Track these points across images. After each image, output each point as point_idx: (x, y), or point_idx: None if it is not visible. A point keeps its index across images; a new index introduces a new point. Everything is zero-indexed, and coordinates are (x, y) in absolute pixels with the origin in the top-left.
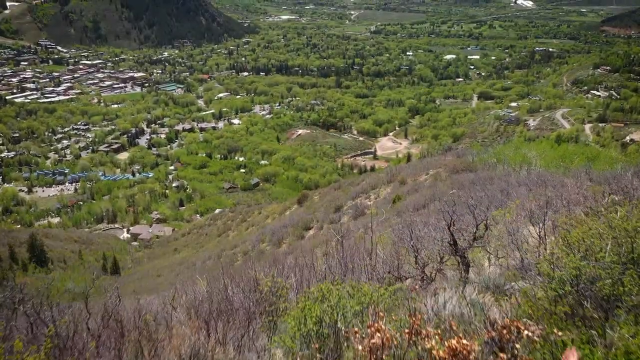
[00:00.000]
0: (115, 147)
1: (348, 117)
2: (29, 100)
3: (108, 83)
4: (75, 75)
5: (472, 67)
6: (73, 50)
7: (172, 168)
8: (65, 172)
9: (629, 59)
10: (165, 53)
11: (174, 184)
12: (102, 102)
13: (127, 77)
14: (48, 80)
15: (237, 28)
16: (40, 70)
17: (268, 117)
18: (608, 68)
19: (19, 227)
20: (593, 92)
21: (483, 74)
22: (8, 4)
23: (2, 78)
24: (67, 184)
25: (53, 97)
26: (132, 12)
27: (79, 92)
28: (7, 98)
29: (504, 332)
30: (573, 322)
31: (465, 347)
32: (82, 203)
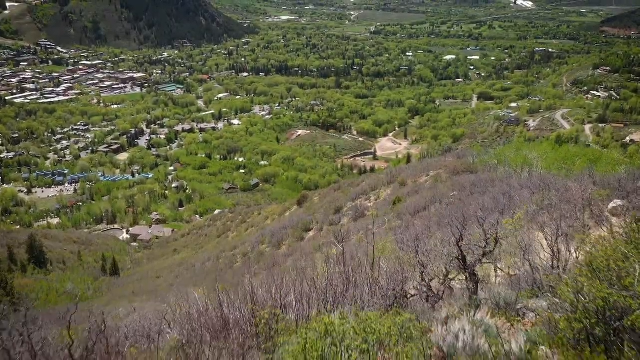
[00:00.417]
0: (115, 147)
1: (348, 117)
2: (29, 101)
3: (108, 83)
4: (75, 76)
5: (472, 67)
6: (73, 51)
7: (171, 169)
8: (65, 172)
9: (629, 60)
10: (165, 53)
11: (174, 185)
12: (101, 102)
13: (126, 77)
14: (48, 81)
15: (236, 28)
16: (40, 71)
17: (268, 117)
18: (608, 68)
19: (18, 227)
20: (593, 92)
21: (483, 75)
22: (8, 5)
23: (1, 79)
24: (66, 185)
25: (53, 97)
26: (131, 12)
27: (79, 92)
28: (6, 98)
29: None
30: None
31: None
32: (81, 204)
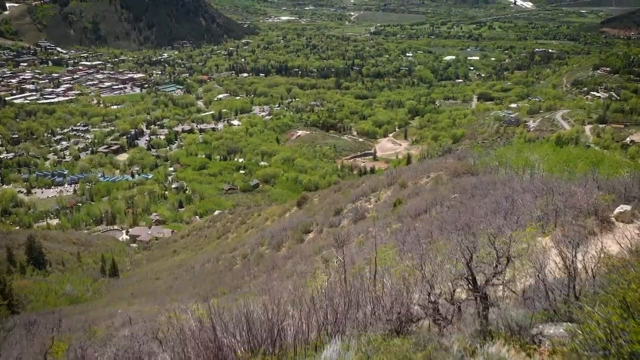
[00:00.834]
0: (115, 148)
1: (348, 118)
2: (29, 101)
3: (107, 84)
4: (75, 76)
5: (471, 68)
6: (73, 51)
7: (171, 169)
8: (64, 173)
9: (629, 60)
10: (165, 54)
11: (174, 185)
12: (101, 103)
13: (126, 78)
14: (47, 81)
15: (236, 29)
16: (40, 71)
17: (268, 118)
18: (608, 69)
19: (18, 228)
20: (593, 93)
21: (483, 75)
22: (8, 5)
23: (1, 79)
24: (66, 185)
25: (52, 98)
26: (131, 13)
27: (79, 93)
28: (6, 99)
29: None
30: None
31: None
32: (81, 204)
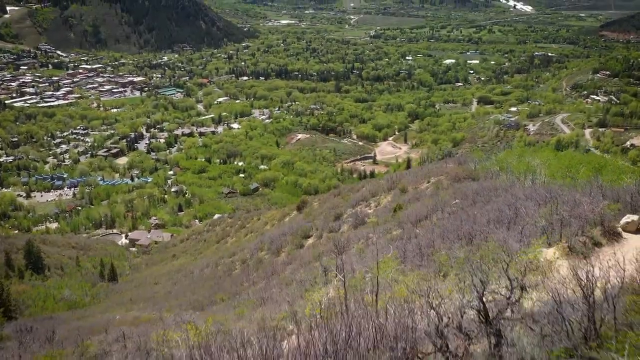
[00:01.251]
0: (114, 151)
1: (347, 121)
2: (28, 105)
3: (107, 87)
4: (75, 80)
5: (471, 71)
6: (73, 55)
7: (171, 173)
8: (64, 176)
9: (629, 64)
10: (165, 57)
11: (173, 189)
12: (101, 106)
13: (126, 81)
14: (47, 85)
15: (236, 32)
16: (40, 75)
17: (267, 121)
18: (607, 73)
19: (17, 232)
20: (593, 96)
21: (482, 79)
22: (8, 9)
23: (1, 82)
24: (65, 189)
25: (52, 101)
26: (132, 16)
27: (79, 96)
28: (6, 102)
29: None
30: None
31: None
32: (80, 208)
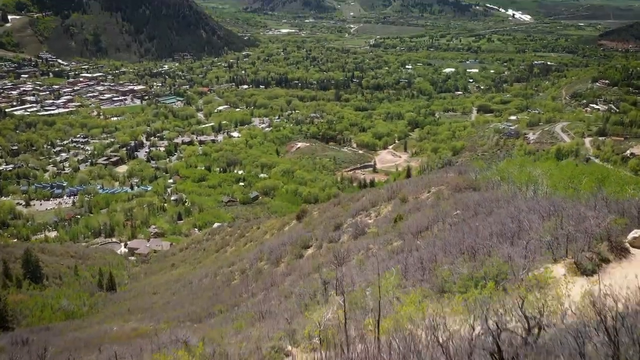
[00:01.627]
0: (114, 160)
1: (347, 130)
2: (29, 113)
3: (108, 96)
4: (76, 88)
5: (471, 80)
6: (73, 63)
7: (170, 181)
8: (64, 185)
9: (628, 73)
10: (166, 66)
11: (173, 197)
12: (101, 114)
13: (127, 89)
14: (48, 93)
15: (237, 41)
16: (41, 83)
17: (267, 130)
18: (606, 82)
19: (16, 241)
20: (592, 105)
21: (482, 87)
22: (10, 17)
23: (2, 91)
24: (65, 197)
25: (53, 109)
26: (132, 25)
27: (79, 104)
28: (6, 111)
29: None
30: None
31: None
32: (79, 217)
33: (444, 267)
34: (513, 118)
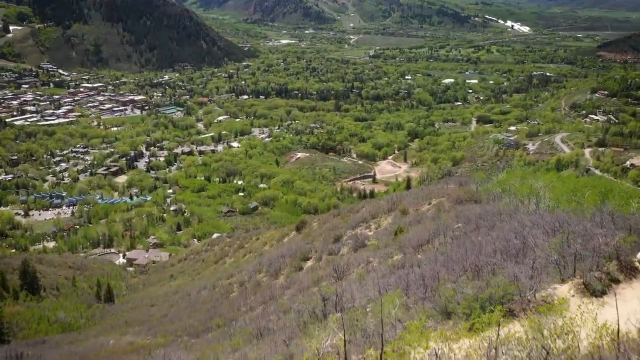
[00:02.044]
0: (114, 170)
1: (347, 140)
2: (29, 123)
3: (108, 106)
4: (76, 98)
5: (470, 91)
6: (74, 74)
7: (170, 191)
8: (63, 195)
9: (626, 84)
10: (166, 76)
11: (172, 208)
12: (101, 124)
13: (127, 100)
14: (48, 103)
15: (237, 52)
16: (41, 93)
17: (267, 140)
18: (605, 92)
19: (14, 251)
20: (591, 116)
21: (481, 98)
22: (11, 28)
23: (2, 101)
24: (64, 207)
25: (53, 119)
26: (133, 36)
27: (79, 114)
28: (7, 120)
29: None
30: None
31: None
32: (78, 227)
33: (447, 285)
34: (512, 129)
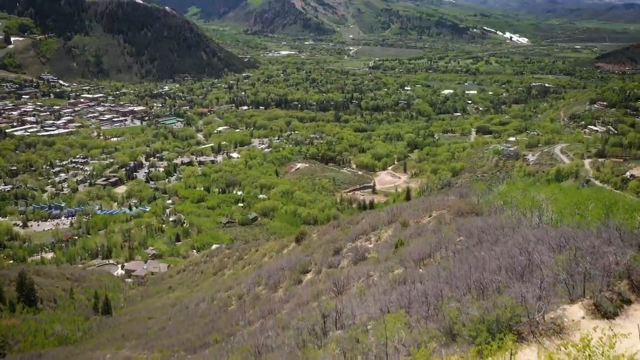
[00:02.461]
0: (113, 180)
1: (347, 151)
2: (29, 134)
3: (108, 116)
4: (76, 109)
5: (469, 101)
6: (75, 84)
7: (169, 202)
8: (62, 205)
9: (625, 95)
10: (166, 87)
11: (171, 218)
12: (101, 135)
13: (127, 110)
14: (48, 114)
15: (237, 63)
16: (42, 104)
17: (267, 150)
18: (604, 103)
19: (12, 262)
20: (590, 127)
21: (480, 109)
22: (12, 39)
23: (3, 111)
24: (63, 218)
25: (53, 130)
26: (134, 47)
27: (79, 125)
28: (7, 131)
29: None
30: None
31: None
32: (77, 238)
33: (451, 304)
34: (512, 139)
